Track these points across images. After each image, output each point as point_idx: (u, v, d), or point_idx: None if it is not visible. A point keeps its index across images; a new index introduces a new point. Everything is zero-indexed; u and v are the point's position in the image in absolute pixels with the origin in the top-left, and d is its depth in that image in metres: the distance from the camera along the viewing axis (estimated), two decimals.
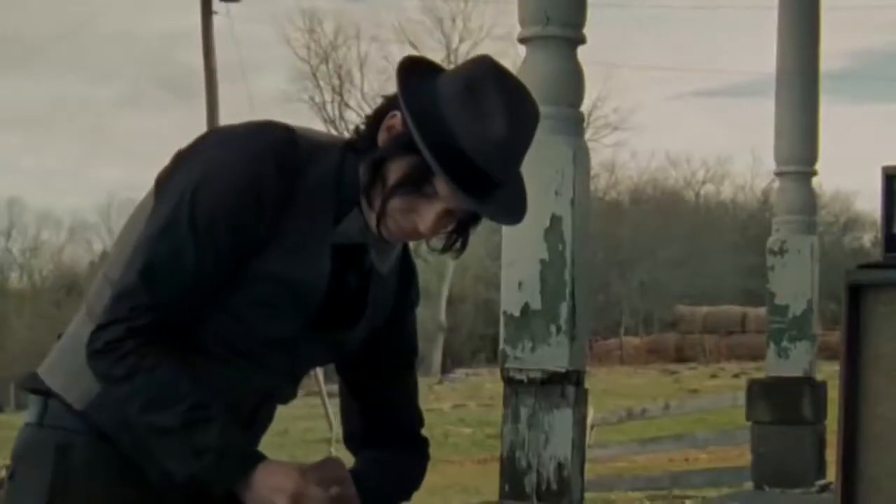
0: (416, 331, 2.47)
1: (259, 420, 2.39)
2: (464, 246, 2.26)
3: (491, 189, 2.16)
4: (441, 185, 2.13)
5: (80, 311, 2.34)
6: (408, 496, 2.44)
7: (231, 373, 2.27)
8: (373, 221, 2.21)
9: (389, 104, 2.20)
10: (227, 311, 2.24)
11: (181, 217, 2.16)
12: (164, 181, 2.26)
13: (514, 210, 2.23)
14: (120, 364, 2.16)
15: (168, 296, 2.17)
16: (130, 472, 2.27)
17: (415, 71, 2.20)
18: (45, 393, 2.32)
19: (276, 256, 2.21)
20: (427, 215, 2.17)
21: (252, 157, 2.18)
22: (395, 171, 2.16)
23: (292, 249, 2.22)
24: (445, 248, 2.25)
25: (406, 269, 2.41)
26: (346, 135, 2.33)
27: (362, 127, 2.24)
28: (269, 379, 2.34)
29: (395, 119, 2.17)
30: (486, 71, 2.18)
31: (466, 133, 2.12)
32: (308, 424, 22.05)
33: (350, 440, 2.50)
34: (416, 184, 2.15)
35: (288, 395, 2.42)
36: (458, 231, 2.24)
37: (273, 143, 2.20)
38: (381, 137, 2.19)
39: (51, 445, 2.29)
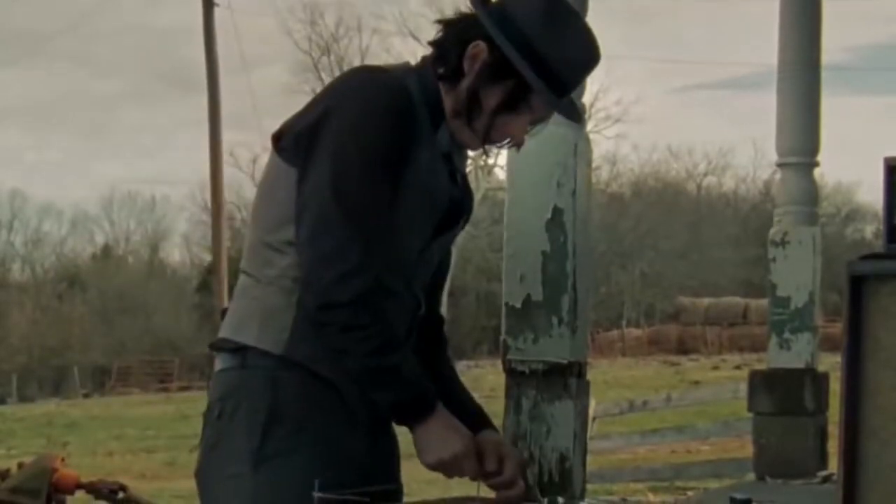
0: None
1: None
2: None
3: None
4: (538, 101, 2.48)
5: (247, 282, 2.58)
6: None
7: (401, 303, 2.55)
8: (465, 136, 2.55)
9: (466, 34, 2.48)
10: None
11: (349, 164, 2.42)
12: (306, 140, 2.48)
13: (577, 111, 2.70)
14: (364, 312, 2.40)
15: (376, 233, 2.43)
16: (329, 401, 2.52)
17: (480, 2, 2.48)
18: (241, 347, 2.55)
19: (413, 176, 2.48)
20: (519, 127, 2.54)
21: (392, 112, 2.45)
22: (493, 94, 2.48)
23: (423, 167, 2.51)
24: (517, 144, 2.58)
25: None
26: None
27: (440, 55, 2.52)
28: (413, 292, 2.61)
29: (479, 49, 2.45)
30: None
31: (557, 56, 2.46)
32: None
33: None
34: (516, 104, 2.48)
35: None
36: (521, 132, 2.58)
37: (394, 95, 2.47)
38: (467, 65, 2.48)
39: (261, 380, 2.52)
